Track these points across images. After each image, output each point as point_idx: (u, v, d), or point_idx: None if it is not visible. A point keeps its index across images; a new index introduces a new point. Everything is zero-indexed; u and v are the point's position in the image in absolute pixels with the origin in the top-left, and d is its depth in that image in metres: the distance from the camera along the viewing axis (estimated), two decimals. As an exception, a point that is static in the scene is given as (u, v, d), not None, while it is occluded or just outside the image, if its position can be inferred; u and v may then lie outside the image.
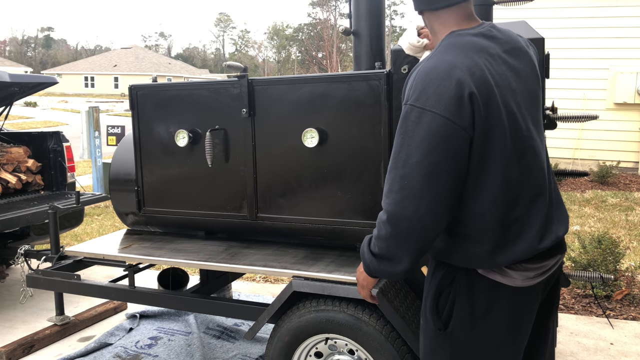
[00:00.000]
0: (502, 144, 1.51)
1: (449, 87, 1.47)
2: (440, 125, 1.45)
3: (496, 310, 1.60)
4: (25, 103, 32.01)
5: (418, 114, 1.48)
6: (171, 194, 3.15)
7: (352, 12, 2.88)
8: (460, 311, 1.62)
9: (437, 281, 1.66)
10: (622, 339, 3.71)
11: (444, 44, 1.60)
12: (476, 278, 1.60)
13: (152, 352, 3.59)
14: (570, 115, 2.48)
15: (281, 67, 69.86)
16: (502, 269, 1.58)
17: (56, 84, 5.37)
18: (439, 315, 1.65)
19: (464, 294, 1.61)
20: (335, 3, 56.87)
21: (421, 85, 1.50)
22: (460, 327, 1.62)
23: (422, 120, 1.47)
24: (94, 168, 8.35)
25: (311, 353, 2.55)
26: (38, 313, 4.34)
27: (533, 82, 1.67)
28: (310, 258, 2.74)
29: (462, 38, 1.58)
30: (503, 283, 1.59)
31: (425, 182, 1.47)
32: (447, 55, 1.54)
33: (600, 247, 4.32)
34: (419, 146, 1.47)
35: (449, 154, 1.46)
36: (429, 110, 1.46)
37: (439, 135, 1.46)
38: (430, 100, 1.47)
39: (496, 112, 1.50)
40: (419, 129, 1.47)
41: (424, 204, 1.47)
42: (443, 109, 1.45)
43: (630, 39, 9.70)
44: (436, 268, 1.69)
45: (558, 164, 9.46)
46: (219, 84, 2.98)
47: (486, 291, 1.60)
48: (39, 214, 4.29)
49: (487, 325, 1.61)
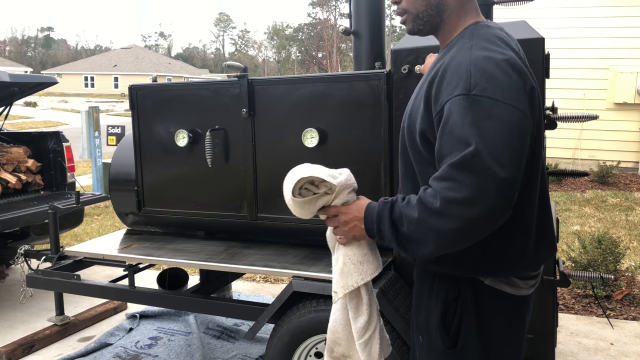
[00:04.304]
0: (540, 142, 1.49)
1: (515, 79, 1.36)
2: (517, 118, 1.33)
3: (505, 322, 1.55)
4: (25, 103, 32.00)
5: (490, 104, 1.33)
6: (171, 194, 3.15)
7: (352, 12, 2.88)
8: (470, 326, 1.52)
9: (442, 297, 1.55)
10: (622, 339, 3.71)
11: (477, 33, 1.47)
12: (483, 290, 1.52)
13: (152, 352, 3.59)
14: (570, 115, 2.47)
15: (281, 67, 69.87)
16: (509, 278, 1.52)
17: (56, 84, 5.38)
18: (447, 332, 1.54)
19: (471, 308, 1.52)
20: (335, 3, 56.91)
21: (483, 74, 1.35)
22: (471, 343, 1.53)
23: (494, 110, 1.32)
24: (94, 168, 8.35)
25: (311, 353, 2.55)
26: (38, 313, 4.34)
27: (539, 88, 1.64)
28: (310, 258, 2.73)
29: (493, 30, 1.49)
30: (510, 293, 1.53)
31: None
32: (493, 45, 1.42)
33: (601, 247, 4.32)
34: (500, 138, 1.32)
35: (524, 146, 1.35)
36: (501, 101, 1.33)
37: (516, 127, 1.33)
38: (498, 89, 1.33)
39: (539, 109, 1.47)
40: (496, 118, 1.32)
41: None
42: (517, 101, 1.34)
43: (630, 39, 9.69)
44: (435, 282, 1.57)
45: (558, 164, 9.45)
46: (219, 84, 2.98)
47: (494, 303, 1.52)
48: (38, 214, 4.29)
49: (499, 338, 1.55)
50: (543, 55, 2.28)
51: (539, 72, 2.28)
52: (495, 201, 1.29)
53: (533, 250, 1.52)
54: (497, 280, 1.52)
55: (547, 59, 2.34)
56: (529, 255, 1.52)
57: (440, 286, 1.56)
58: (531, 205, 1.50)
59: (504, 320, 1.55)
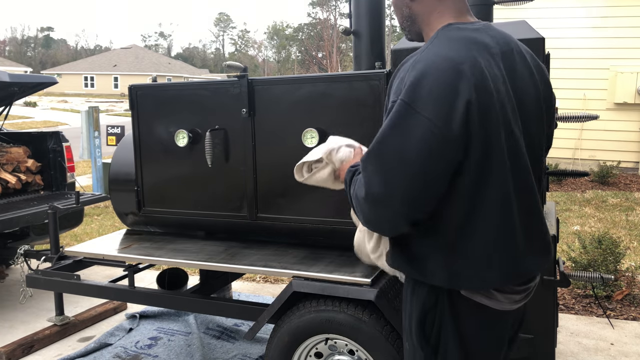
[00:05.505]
0: (500, 157, 1.41)
1: (443, 89, 1.35)
2: (427, 132, 1.34)
3: (482, 333, 1.52)
4: (25, 103, 32.00)
5: (406, 111, 1.36)
6: (171, 194, 3.15)
7: (352, 12, 2.88)
8: (448, 335, 1.51)
9: (421, 303, 1.54)
10: (622, 339, 3.71)
11: (441, 35, 1.47)
12: (460, 299, 1.49)
13: (152, 353, 3.59)
14: (571, 115, 2.47)
15: (281, 67, 69.87)
16: (488, 291, 1.49)
17: (56, 83, 5.37)
18: (427, 340, 1.53)
19: (449, 317, 1.50)
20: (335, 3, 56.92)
21: (414, 79, 1.38)
22: (450, 352, 1.51)
23: (409, 122, 1.36)
24: (94, 168, 8.34)
25: (311, 353, 2.55)
26: (38, 313, 4.34)
27: (532, 89, 1.55)
28: (310, 258, 2.73)
29: (462, 32, 1.47)
30: (488, 306, 1.50)
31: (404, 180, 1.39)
32: (445, 48, 1.42)
33: (601, 247, 4.32)
34: (402, 149, 1.37)
35: (428, 163, 1.36)
36: (418, 112, 1.35)
37: (423, 140, 1.34)
38: (421, 101, 1.35)
39: (495, 122, 1.40)
40: (406, 129, 1.36)
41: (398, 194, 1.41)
42: (432, 113, 1.34)
43: (630, 39, 9.69)
44: (415, 287, 1.56)
45: (558, 164, 9.45)
46: (219, 84, 2.98)
47: (470, 314, 1.50)
48: (38, 214, 4.29)
49: (477, 347, 1.53)
50: (543, 55, 2.28)
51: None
52: (367, 207, 1.45)
53: (495, 266, 1.45)
54: (473, 292, 1.49)
55: (547, 59, 2.34)
56: (485, 271, 1.45)
57: (419, 293, 1.55)
58: (476, 221, 1.44)
59: (480, 332, 1.52)
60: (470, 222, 1.44)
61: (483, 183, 1.42)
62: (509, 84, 1.47)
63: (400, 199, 1.39)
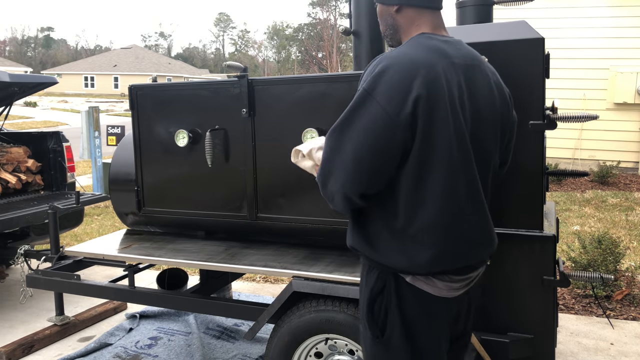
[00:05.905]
0: (446, 150, 1.55)
1: (399, 82, 1.52)
2: (378, 117, 1.52)
3: (423, 318, 1.63)
4: (25, 103, 32.00)
5: (364, 98, 1.55)
6: (171, 194, 3.15)
7: (352, 12, 2.88)
8: (393, 319, 1.64)
9: (370, 287, 1.68)
10: (622, 339, 3.71)
11: (412, 40, 1.66)
12: (404, 286, 1.62)
13: (152, 352, 3.59)
14: (570, 115, 2.47)
15: (281, 67, 69.86)
16: (429, 277, 1.61)
17: (56, 84, 5.38)
18: (376, 323, 1.66)
19: (394, 302, 1.63)
20: (335, 3, 56.90)
21: (378, 71, 1.56)
22: (395, 334, 1.64)
23: (365, 105, 1.54)
24: (94, 168, 8.35)
25: (311, 353, 2.55)
26: (38, 313, 4.34)
27: (489, 102, 1.68)
28: (310, 258, 2.73)
29: (431, 41, 1.65)
30: (429, 292, 1.62)
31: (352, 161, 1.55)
32: (412, 50, 1.60)
33: (601, 247, 4.32)
34: (356, 130, 1.54)
35: (376, 145, 1.52)
36: (374, 98, 1.53)
37: (373, 123, 1.52)
38: (378, 89, 1.54)
39: (443, 118, 1.54)
40: (361, 111, 1.54)
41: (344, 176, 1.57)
42: (385, 101, 1.52)
43: (630, 39, 9.69)
44: (369, 271, 1.70)
45: (558, 164, 9.46)
46: (219, 84, 2.98)
47: (414, 299, 1.62)
48: (38, 214, 4.29)
49: (420, 333, 1.64)
50: (543, 55, 2.28)
51: (539, 72, 2.28)
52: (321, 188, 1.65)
53: (439, 255, 1.58)
54: (416, 278, 1.61)
55: (547, 59, 2.34)
56: (421, 256, 1.57)
57: (370, 276, 1.69)
58: (419, 208, 1.57)
59: (424, 317, 1.64)
60: (414, 207, 1.57)
61: (427, 171, 1.55)
62: (466, 91, 1.62)
63: (352, 171, 1.55)
